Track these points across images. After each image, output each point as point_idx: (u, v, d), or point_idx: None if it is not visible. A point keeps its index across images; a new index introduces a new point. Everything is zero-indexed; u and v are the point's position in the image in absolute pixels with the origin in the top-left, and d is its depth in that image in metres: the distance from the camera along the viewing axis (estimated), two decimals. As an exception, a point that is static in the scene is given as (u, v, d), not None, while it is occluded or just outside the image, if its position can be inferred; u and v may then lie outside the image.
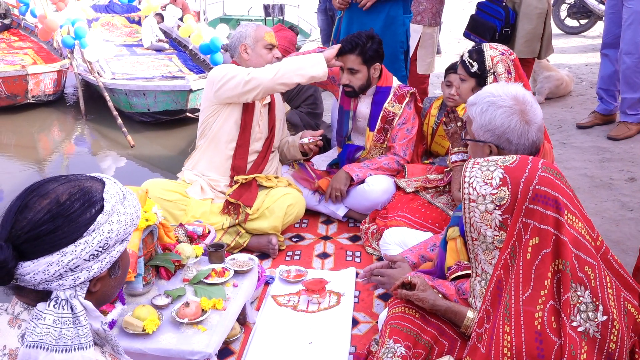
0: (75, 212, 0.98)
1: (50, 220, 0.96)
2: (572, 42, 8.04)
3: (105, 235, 1.00)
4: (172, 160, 5.50)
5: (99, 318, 1.03)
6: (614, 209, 3.19)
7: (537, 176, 1.28)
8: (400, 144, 3.13)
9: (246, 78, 2.73)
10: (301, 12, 13.13)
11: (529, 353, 1.23)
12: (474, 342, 1.36)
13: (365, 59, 2.98)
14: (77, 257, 0.97)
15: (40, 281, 0.97)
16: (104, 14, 10.41)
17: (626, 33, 3.89)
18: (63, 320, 0.96)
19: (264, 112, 3.04)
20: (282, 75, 2.73)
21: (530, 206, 1.27)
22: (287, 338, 2.20)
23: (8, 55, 8.57)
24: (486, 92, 1.68)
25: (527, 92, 1.69)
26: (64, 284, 0.98)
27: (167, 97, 6.64)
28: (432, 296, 1.66)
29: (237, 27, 3.01)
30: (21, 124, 7.05)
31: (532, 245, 1.27)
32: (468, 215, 1.39)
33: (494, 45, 2.59)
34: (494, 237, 1.33)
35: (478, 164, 1.38)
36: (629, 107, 4.13)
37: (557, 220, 1.26)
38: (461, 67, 2.62)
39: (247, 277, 2.22)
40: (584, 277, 1.25)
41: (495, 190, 1.31)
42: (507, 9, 4.27)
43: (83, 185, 1.02)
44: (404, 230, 2.63)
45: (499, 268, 1.31)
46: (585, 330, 1.23)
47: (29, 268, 0.95)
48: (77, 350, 0.96)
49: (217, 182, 2.94)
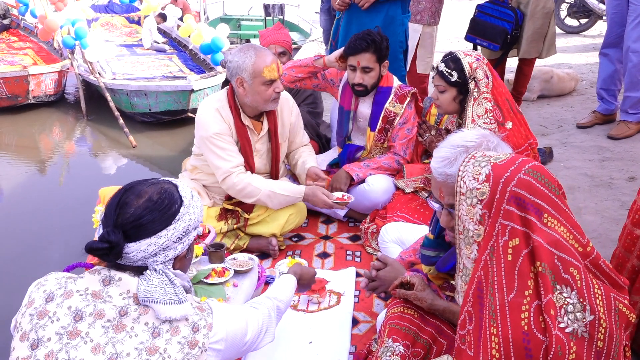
0: (165, 207, 1.30)
1: (149, 213, 1.28)
2: (572, 41, 8.04)
3: (187, 223, 1.33)
4: (174, 160, 5.51)
5: (185, 279, 1.41)
6: (614, 208, 3.19)
7: (516, 178, 1.27)
8: (401, 144, 3.13)
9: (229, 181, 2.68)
10: (301, 11, 13.13)
11: (517, 354, 1.23)
12: (458, 345, 1.36)
13: (379, 57, 2.99)
14: (168, 239, 1.30)
15: (140, 258, 1.28)
16: (104, 14, 10.41)
17: (633, 32, 3.88)
18: (164, 281, 1.28)
19: (262, 148, 2.86)
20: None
21: (507, 207, 1.27)
22: (287, 338, 2.20)
23: (8, 56, 8.58)
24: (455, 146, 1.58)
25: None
26: (157, 260, 1.30)
27: (169, 97, 6.65)
28: (430, 296, 1.67)
29: (235, 52, 2.66)
30: (22, 124, 7.06)
31: (513, 246, 1.27)
32: (457, 208, 1.40)
33: (467, 52, 2.60)
34: (474, 231, 1.35)
35: (474, 159, 1.38)
36: (630, 106, 4.12)
37: (532, 222, 1.26)
38: (439, 77, 2.59)
39: (247, 277, 2.23)
40: (570, 278, 1.25)
41: (480, 186, 1.32)
42: (515, 10, 4.26)
43: (165, 187, 1.34)
44: (401, 225, 2.62)
45: (479, 269, 1.32)
46: (574, 331, 1.23)
47: (133, 247, 1.27)
48: (178, 304, 1.26)
49: (213, 194, 2.90)
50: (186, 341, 1.25)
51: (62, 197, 5.00)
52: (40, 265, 3.51)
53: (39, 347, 1.19)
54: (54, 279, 1.28)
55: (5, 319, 1.38)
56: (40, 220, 4.29)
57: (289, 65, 3.19)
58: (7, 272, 3.48)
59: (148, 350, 1.21)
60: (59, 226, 4.14)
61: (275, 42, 3.47)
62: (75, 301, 1.23)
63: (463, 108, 2.64)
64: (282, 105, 2.86)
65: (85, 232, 3.20)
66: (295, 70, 3.18)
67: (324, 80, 3.28)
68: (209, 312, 1.33)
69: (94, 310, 1.22)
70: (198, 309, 1.32)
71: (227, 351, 1.35)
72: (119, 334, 1.21)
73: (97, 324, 1.21)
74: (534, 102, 5.24)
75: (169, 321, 1.25)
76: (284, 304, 1.75)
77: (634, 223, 1.89)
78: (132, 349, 1.20)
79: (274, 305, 1.67)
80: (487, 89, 2.57)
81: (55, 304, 1.23)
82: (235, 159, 2.68)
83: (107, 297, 1.24)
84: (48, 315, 1.21)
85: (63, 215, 4.34)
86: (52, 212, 4.48)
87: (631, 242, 1.88)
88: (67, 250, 3.67)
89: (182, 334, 1.25)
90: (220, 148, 2.66)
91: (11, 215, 4.47)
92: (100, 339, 1.20)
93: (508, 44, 4.33)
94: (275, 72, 2.61)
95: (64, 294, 1.24)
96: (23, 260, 3.65)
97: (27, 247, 3.82)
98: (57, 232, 4.05)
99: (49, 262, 3.55)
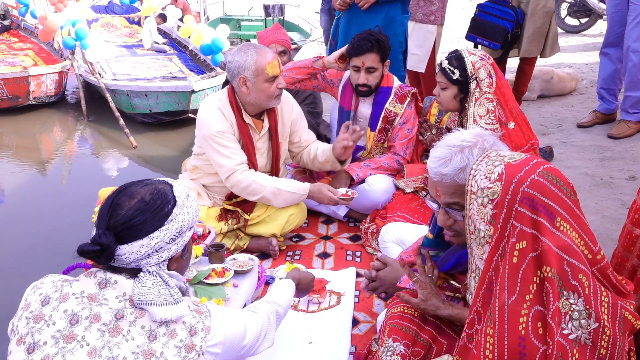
0: (158, 207, 1.28)
1: (140, 214, 1.26)
2: (572, 40, 8.03)
3: (180, 224, 1.31)
4: (174, 160, 5.51)
5: (181, 279, 1.38)
6: (614, 208, 3.19)
7: (529, 179, 1.25)
8: (401, 144, 3.13)
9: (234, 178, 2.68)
10: (301, 12, 13.13)
11: (511, 357, 1.22)
12: (464, 342, 1.35)
13: (383, 57, 2.99)
14: (161, 240, 1.28)
15: (133, 260, 1.26)
16: (104, 14, 10.42)
17: (633, 31, 3.87)
18: (158, 282, 1.26)
19: (263, 147, 2.85)
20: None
21: (519, 208, 1.25)
22: (288, 338, 2.20)
23: (8, 57, 8.59)
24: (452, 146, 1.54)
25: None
26: (150, 262, 1.28)
27: (169, 97, 6.66)
28: (431, 307, 1.63)
29: (234, 52, 2.65)
30: (23, 125, 7.07)
31: (519, 249, 1.24)
32: (468, 208, 1.38)
33: (472, 51, 2.58)
34: (485, 231, 1.33)
35: (487, 158, 1.36)
36: (631, 106, 4.11)
37: (544, 226, 1.24)
38: (441, 74, 2.59)
39: (247, 277, 2.23)
40: (578, 284, 1.23)
41: (491, 185, 1.30)
42: (516, 10, 4.25)
43: (158, 187, 1.32)
44: (401, 225, 2.62)
45: (491, 269, 1.30)
46: (577, 338, 1.21)
47: (125, 249, 1.25)
48: (174, 304, 1.24)
49: (214, 194, 2.90)
50: (183, 344, 1.24)
51: (63, 197, 5.00)
52: (40, 266, 3.51)
53: (35, 351, 1.18)
54: (50, 282, 1.28)
55: (4, 320, 1.38)
56: (40, 221, 4.30)
57: (288, 67, 3.19)
58: (8, 272, 3.48)
59: (144, 354, 1.21)
60: (60, 227, 4.15)
61: (275, 42, 3.47)
62: (71, 304, 1.22)
63: (464, 107, 2.64)
64: (282, 104, 2.86)
65: (85, 232, 3.20)
66: (294, 72, 3.18)
67: (323, 81, 3.28)
68: (207, 315, 1.32)
69: (89, 314, 1.22)
70: (196, 311, 1.31)
71: (224, 355, 1.34)
72: (115, 337, 1.21)
73: (93, 327, 1.21)
74: (534, 102, 5.24)
75: (165, 324, 1.24)
76: (283, 308, 1.74)
77: (634, 223, 1.88)
78: (128, 353, 1.20)
79: (273, 310, 1.66)
80: (489, 89, 2.57)
81: (51, 308, 1.22)
82: (238, 156, 2.69)
83: (103, 300, 1.24)
84: (44, 318, 1.21)
85: (63, 216, 4.35)
86: (53, 213, 4.49)
87: (631, 242, 1.88)
88: (68, 251, 3.64)
89: (179, 337, 1.24)
90: (223, 146, 2.66)
91: (11, 216, 4.48)
92: (97, 343, 1.20)
93: (508, 43, 4.33)
94: (277, 68, 2.63)
95: (59, 297, 1.24)
96: (23, 261, 3.66)
97: (27, 247, 3.83)
98: (58, 232, 4.05)
99: (49, 262, 3.55)
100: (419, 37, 4.12)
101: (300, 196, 2.78)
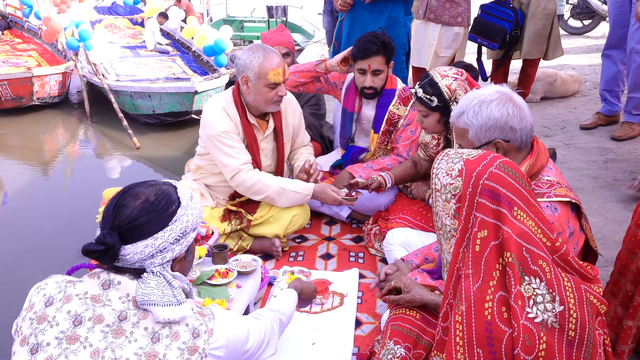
0: (162, 208, 1.29)
1: (145, 214, 1.27)
2: (575, 42, 8.03)
3: (184, 224, 1.32)
4: (177, 161, 5.52)
5: (185, 281, 1.40)
6: (617, 210, 3.18)
7: (488, 172, 1.31)
8: (404, 145, 3.13)
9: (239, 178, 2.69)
10: (304, 13, 13.14)
11: (479, 342, 1.26)
12: (441, 337, 1.39)
13: (388, 58, 2.99)
14: (165, 241, 1.29)
15: (137, 260, 1.27)
16: (107, 15, 10.45)
17: (636, 33, 3.86)
18: (162, 283, 1.27)
19: (267, 147, 2.86)
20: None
21: (480, 200, 1.31)
22: (291, 339, 2.21)
23: (12, 58, 8.62)
24: (469, 98, 1.68)
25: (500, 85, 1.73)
26: (154, 262, 1.29)
27: (173, 98, 6.67)
28: (418, 294, 1.70)
29: (245, 50, 2.69)
30: (26, 125, 7.09)
31: (481, 237, 1.30)
32: (434, 205, 1.44)
33: (443, 72, 2.48)
34: (451, 225, 1.39)
35: (447, 156, 1.42)
36: (634, 108, 4.10)
37: (503, 214, 1.29)
38: (419, 104, 2.52)
39: (251, 278, 2.23)
40: (539, 269, 1.29)
41: (453, 181, 1.37)
42: (516, 11, 4.26)
43: (163, 188, 1.33)
44: (408, 231, 2.63)
45: (458, 261, 1.35)
46: (543, 321, 1.27)
47: (129, 249, 1.26)
48: (177, 305, 1.25)
49: (217, 194, 2.91)
50: (186, 347, 1.24)
51: (66, 198, 5.02)
52: (44, 266, 3.52)
53: (39, 351, 1.19)
54: (54, 283, 1.28)
55: (8, 320, 1.39)
56: (44, 221, 4.31)
57: (291, 71, 3.19)
58: (12, 272, 3.49)
59: (147, 356, 1.21)
60: (63, 227, 4.16)
61: (278, 44, 3.48)
62: (74, 305, 1.23)
63: (449, 127, 2.61)
64: (286, 106, 2.87)
65: (89, 233, 3.21)
66: (297, 75, 3.18)
67: (326, 84, 3.28)
68: (210, 318, 1.32)
69: (93, 315, 1.22)
70: (199, 314, 1.31)
71: (227, 358, 1.34)
72: (118, 339, 1.21)
73: (97, 328, 1.21)
74: (538, 104, 5.24)
75: (169, 326, 1.24)
76: (286, 317, 1.75)
77: (639, 225, 1.89)
78: (131, 354, 1.20)
79: (277, 318, 1.66)
80: None
81: (54, 309, 1.23)
82: (243, 156, 2.70)
83: (106, 301, 1.24)
84: (47, 319, 1.21)
85: (67, 216, 4.36)
86: (56, 213, 4.50)
87: (635, 244, 1.88)
88: (71, 251, 3.66)
89: (182, 339, 1.24)
90: (228, 146, 2.67)
91: (15, 217, 4.49)
92: (100, 344, 1.20)
93: (507, 43, 4.34)
94: (280, 76, 2.62)
95: (63, 298, 1.24)
96: (27, 261, 3.67)
97: (31, 248, 3.84)
98: (62, 233, 4.06)
99: (53, 262, 3.56)
100: (447, 39, 4.12)
101: (305, 196, 2.78)
